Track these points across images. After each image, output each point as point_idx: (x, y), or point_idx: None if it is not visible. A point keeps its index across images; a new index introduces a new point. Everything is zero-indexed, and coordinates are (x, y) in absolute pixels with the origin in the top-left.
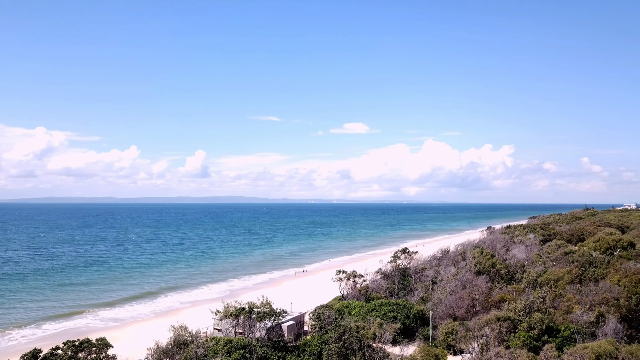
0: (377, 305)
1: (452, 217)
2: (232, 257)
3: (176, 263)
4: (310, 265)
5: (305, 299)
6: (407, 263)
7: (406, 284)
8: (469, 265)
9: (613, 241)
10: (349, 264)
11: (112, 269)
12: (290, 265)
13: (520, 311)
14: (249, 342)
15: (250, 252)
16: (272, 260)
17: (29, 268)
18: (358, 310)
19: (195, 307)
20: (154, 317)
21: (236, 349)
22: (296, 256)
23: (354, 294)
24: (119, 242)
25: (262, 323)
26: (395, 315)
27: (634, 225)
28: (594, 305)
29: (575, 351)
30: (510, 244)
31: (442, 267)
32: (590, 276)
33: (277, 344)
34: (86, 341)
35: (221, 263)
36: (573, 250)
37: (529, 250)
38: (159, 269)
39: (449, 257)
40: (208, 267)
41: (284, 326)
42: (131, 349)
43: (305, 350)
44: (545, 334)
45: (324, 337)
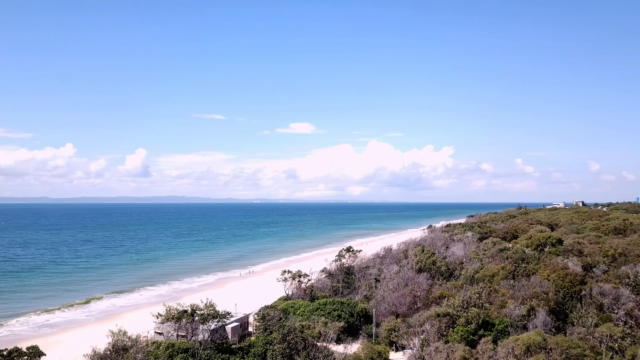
0: (321, 304)
1: (394, 216)
2: (174, 258)
3: (115, 266)
4: (256, 265)
5: (250, 300)
6: (351, 262)
7: (350, 283)
8: (410, 263)
9: (543, 238)
10: (294, 264)
11: (45, 273)
12: (235, 267)
13: (459, 307)
14: (191, 345)
15: (193, 253)
16: (216, 261)
17: None
18: (303, 309)
19: (135, 311)
20: (91, 323)
21: (178, 352)
22: (241, 257)
23: (299, 294)
24: (52, 244)
25: (205, 325)
26: (339, 313)
27: (562, 223)
28: (526, 300)
29: (507, 343)
30: (450, 242)
31: (385, 265)
32: (523, 272)
33: (220, 346)
34: (15, 350)
35: (163, 265)
36: (507, 247)
37: (467, 248)
38: (96, 272)
39: (391, 256)
40: (149, 270)
41: (228, 328)
42: (66, 356)
43: (249, 351)
44: (482, 328)
45: (269, 338)
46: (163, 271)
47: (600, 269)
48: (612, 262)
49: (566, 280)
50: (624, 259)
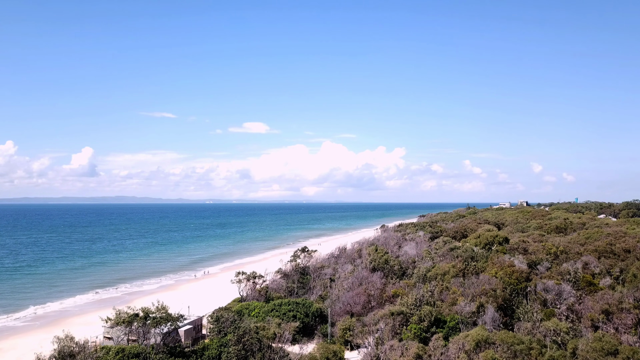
0: (276, 305)
1: (348, 215)
2: (124, 261)
3: (60, 269)
4: (209, 267)
5: (204, 302)
6: (306, 262)
7: (305, 283)
8: (364, 262)
9: (491, 237)
10: (249, 265)
11: None
12: (187, 269)
13: (412, 305)
14: (143, 349)
15: (143, 255)
16: (168, 263)
17: None
18: (258, 311)
19: (83, 316)
20: (34, 329)
21: (129, 357)
22: (194, 259)
23: (253, 295)
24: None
25: (157, 329)
26: (294, 314)
27: (508, 222)
28: (475, 297)
29: (458, 340)
30: (403, 241)
31: (340, 265)
32: (472, 270)
33: (173, 349)
34: None
35: (112, 268)
36: (458, 246)
37: (419, 247)
38: (39, 276)
39: (346, 255)
40: (97, 273)
41: (181, 331)
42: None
43: (203, 354)
44: (434, 325)
45: (223, 340)
46: (112, 274)
47: (543, 266)
48: (554, 259)
49: (513, 277)
50: (565, 256)
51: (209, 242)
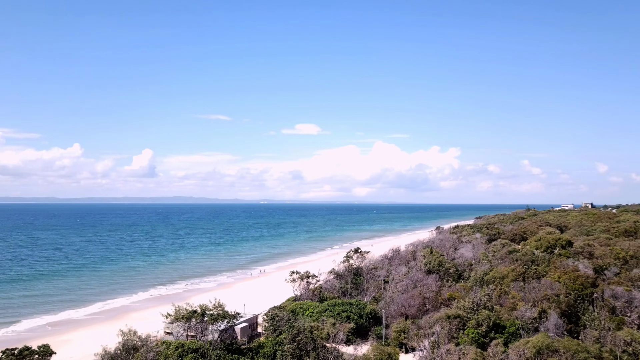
0: (330, 305)
1: (401, 217)
2: (182, 259)
3: (122, 266)
4: (263, 266)
5: (258, 301)
6: (359, 263)
7: (359, 284)
8: (419, 264)
9: (553, 240)
10: (302, 265)
11: (53, 274)
12: (243, 267)
13: (469, 309)
14: (201, 345)
15: (200, 254)
16: (224, 262)
17: None
18: (312, 310)
19: (144, 311)
20: (100, 322)
21: (188, 352)
22: (248, 258)
23: (307, 295)
24: (59, 245)
25: (214, 326)
26: (348, 315)
27: (572, 225)
28: (537, 302)
29: (518, 346)
30: (458, 243)
31: (394, 267)
32: (533, 274)
33: (230, 346)
34: (26, 349)
35: (170, 265)
36: (516, 249)
37: (475, 250)
38: (104, 272)
39: (400, 257)
40: (157, 270)
41: (237, 328)
42: (76, 355)
43: (259, 352)
44: (492, 331)
45: (278, 339)
46: (171, 272)
47: (611, 272)
48: (623, 264)
49: (577, 283)
50: (635, 261)
51: (263, 241)
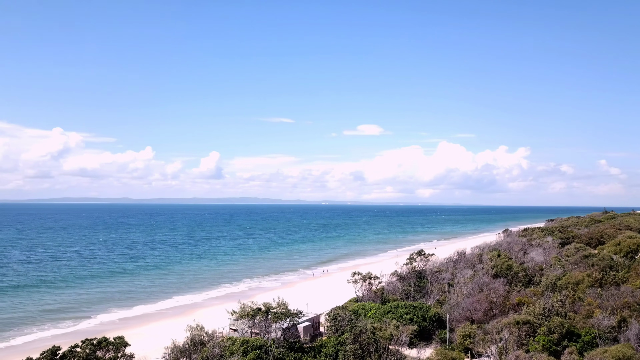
0: (393, 307)
1: (466, 219)
2: (246, 258)
3: (190, 264)
4: (325, 267)
5: (320, 301)
6: (423, 265)
7: (422, 286)
8: (485, 267)
9: (634, 244)
10: (364, 266)
11: (125, 271)
12: (305, 267)
13: (540, 315)
14: (265, 342)
15: (264, 254)
16: (287, 261)
17: (44, 269)
18: (374, 312)
19: (210, 307)
20: (169, 317)
21: (252, 349)
22: (311, 258)
23: (369, 296)
24: (132, 243)
25: (278, 324)
26: (411, 317)
27: None
28: (616, 310)
29: (595, 355)
30: (528, 246)
31: (459, 270)
32: (611, 280)
33: (293, 344)
34: (104, 339)
35: (235, 264)
36: (593, 254)
37: (547, 254)
38: (172, 269)
39: (465, 260)
40: (222, 268)
41: (300, 327)
42: (148, 347)
43: (321, 351)
44: (566, 339)
45: (340, 339)
46: (236, 271)
47: None
48: None
49: None
50: None
51: (325, 242)
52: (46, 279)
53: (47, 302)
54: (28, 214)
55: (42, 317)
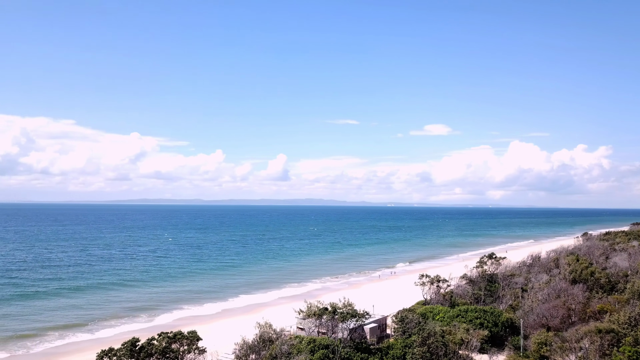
0: (462, 310)
1: (541, 222)
2: (312, 259)
3: (258, 264)
4: (392, 269)
5: (387, 302)
6: (494, 269)
7: (493, 291)
8: (563, 273)
9: None
10: (431, 269)
11: (196, 271)
12: (371, 269)
13: (625, 323)
14: (331, 342)
15: (329, 254)
16: (353, 263)
17: (121, 267)
18: (442, 315)
19: (277, 306)
20: (237, 314)
21: (319, 348)
22: (376, 260)
23: (437, 299)
24: (202, 243)
25: (344, 324)
26: (482, 322)
27: None
28: None
29: None
30: (610, 251)
31: (533, 274)
32: None
33: (359, 345)
34: (179, 333)
35: (301, 264)
36: None
37: (632, 259)
38: (238, 269)
39: (540, 264)
40: (288, 268)
41: (367, 328)
42: (218, 343)
43: (388, 353)
44: None
45: (408, 341)
46: (303, 271)
47: None
48: None
49: None
50: None
51: (391, 244)
52: (124, 276)
53: (125, 298)
54: (108, 214)
55: (120, 312)
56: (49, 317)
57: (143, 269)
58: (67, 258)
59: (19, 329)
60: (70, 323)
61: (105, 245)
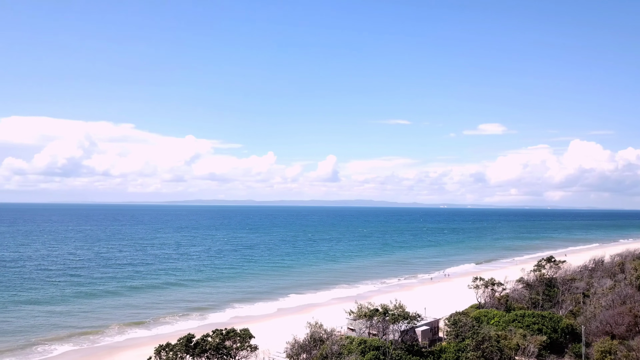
0: (519, 315)
1: (604, 224)
2: (362, 260)
3: (308, 263)
4: (444, 271)
5: (439, 305)
6: (553, 273)
7: (552, 296)
8: (629, 278)
9: None
10: (486, 272)
11: (248, 271)
12: (422, 271)
13: None
14: (382, 343)
15: (380, 256)
16: (403, 264)
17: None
18: (498, 319)
19: (327, 307)
20: (287, 314)
21: (370, 349)
22: (428, 262)
23: (492, 303)
24: (253, 243)
25: (395, 326)
26: (540, 327)
27: None
28: None
29: None
30: None
31: (595, 279)
32: None
33: (411, 347)
34: (232, 331)
35: (351, 265)
36: None
37: None
38: (288, 269)
39: (603, 268)
40: (338, 269)
41: (418, 331)
42: (269, 341)
43: (440, 356)
44: None
45: (461, 345)
46: (352, 271)
47: None
48: None
49: None
50: None
51: (443, 246)
52: (179, 276)
53: (179, 298)
54: (165, 215)
55: (175, 310)
56: (109, 315)
57: (197, 268)
58: (125, 257)
59: (81, 326)
60: (129, 320)
61: (162, 244)
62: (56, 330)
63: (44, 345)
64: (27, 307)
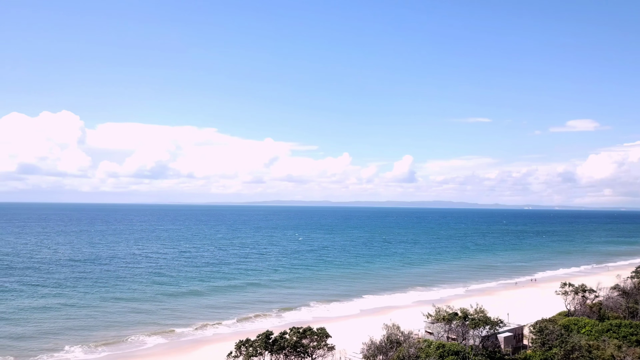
0: (613, 325)
1: None
2: (441, 263)
3: (383, 265)
4: (529, 276)
5: (523, 311)
6: None
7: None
8: None
9: None
10: (576, 277)
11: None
12: (505, 276)
13: None
14: (462, 348)
15: (459, 260)
16: (485, 268)
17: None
18: (589, 328)
19: (404, 309)
20: (363, 315)
21: (449, 354)
22: (512, 266)
23: (582, 311)
24: (328, 244)
25: (476, 331)
26: (638, 339)
27: None
28: None
29: None
30: None
31: None
32: None
33: (492, 354)
34: (309, 329)
35: (429, 268)
36: None
37: None
38: (367, 270)
39: None
40: (416, 271)
41: (501, 337)
42: (345, 341)
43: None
44: None
45: (548, 354)
46: (429, 274)
47: None
48: None
49: None
50: None
51: (527, 250)
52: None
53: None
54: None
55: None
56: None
57: (274, 268)
58: (206, 256)
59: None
60: (210, 318)
61: (241, 244)
62: (143, 326)
63: (134, 338)
64: (117, 304)
